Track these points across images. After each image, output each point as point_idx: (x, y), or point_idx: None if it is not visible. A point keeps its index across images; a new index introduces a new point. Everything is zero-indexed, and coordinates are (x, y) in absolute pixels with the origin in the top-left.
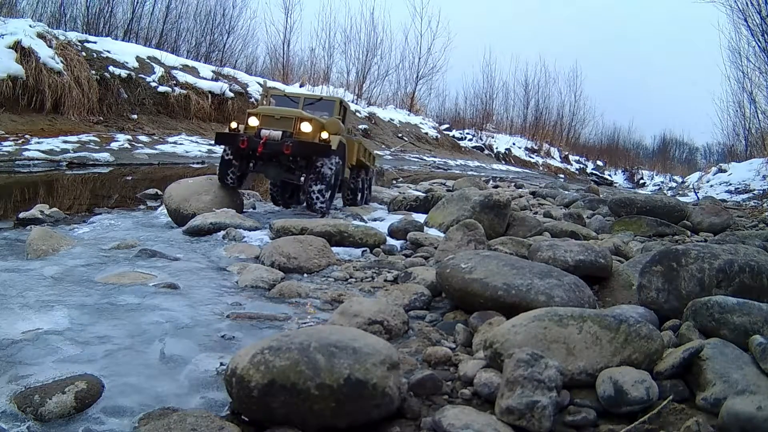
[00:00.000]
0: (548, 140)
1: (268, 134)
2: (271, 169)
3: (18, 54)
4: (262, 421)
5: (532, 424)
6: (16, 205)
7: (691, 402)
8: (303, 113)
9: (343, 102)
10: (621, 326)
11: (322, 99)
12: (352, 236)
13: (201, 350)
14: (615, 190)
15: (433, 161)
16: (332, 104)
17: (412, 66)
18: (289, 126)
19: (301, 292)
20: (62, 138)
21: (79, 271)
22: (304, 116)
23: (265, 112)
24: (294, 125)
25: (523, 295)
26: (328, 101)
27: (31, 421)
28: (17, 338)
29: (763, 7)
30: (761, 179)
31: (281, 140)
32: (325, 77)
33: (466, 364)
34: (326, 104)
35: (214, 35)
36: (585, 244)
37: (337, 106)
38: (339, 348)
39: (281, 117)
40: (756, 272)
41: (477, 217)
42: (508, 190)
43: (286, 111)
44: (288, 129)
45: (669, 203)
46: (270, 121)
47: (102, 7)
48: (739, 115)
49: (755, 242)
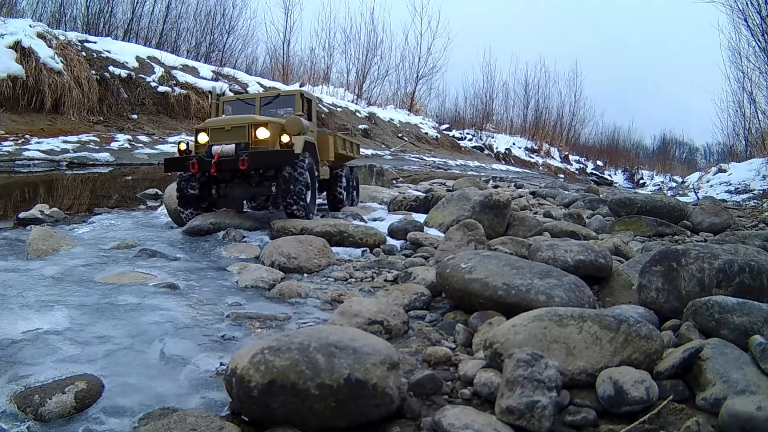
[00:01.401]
0: (548, 140)
1: (221, 150)
2: (237, 189)
3: (18, 54)
4: (262, 421)
5: (532, 424)
6: (16, 205)
7: (691, 402)
8: (256, 118)
9: (304, 94)
10: (621, 326)
11: (279, 95)
12: (352, 236)
13: (201, 350)
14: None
15: (433, 161)
16: (292, 99)
17: (412, 66)
18: (242, 136)
19: (301, 292)
20: (62, 138)
21: (79, 271)
22: (258, 121)
23: (214, 125)
24: (249, 134)
25: (523, 295)
26: (287, 97)
27: (31, 421)
28: (17, 338)
29: (763, 7)
30: (761, 179)
31: (235, 154)
32: (325, 77)
33: (466, 364)
34: (286, 100)
35: (214, 35)
36: (585, 244)
37: (298, 100)
38: (339, 348)
39: (232, 127)
40: (756, 272)
41: (477, 217)
42: (508, 190)
43: (237, 119)
44: (242, 140)
45: (669, 203)
46: (221, 135)
47: (102, 7)
48: (739, 115)
49: (755, 242)
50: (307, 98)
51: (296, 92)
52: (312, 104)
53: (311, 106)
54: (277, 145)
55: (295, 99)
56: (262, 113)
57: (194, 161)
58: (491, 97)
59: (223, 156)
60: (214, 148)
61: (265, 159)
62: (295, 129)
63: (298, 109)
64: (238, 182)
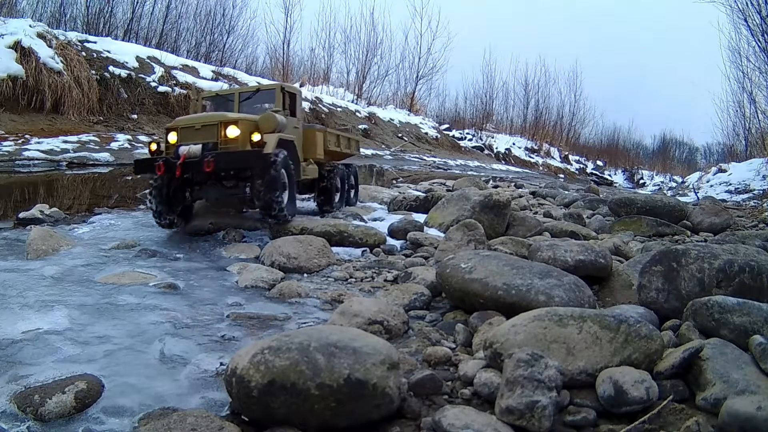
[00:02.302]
0: (548, 140)
1: (187, 150)
2: (212, 190)
3: (18, 54)
4: (262, 421)
5: (532, 424)
6: (16, 205)
7: (691, 402)
8: (227, 115)
9: (285, 88)
10: (621, 326)
11: (259, 90)
12: (352, 236)
13: (201, 350)
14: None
15: (433, 161)
16: (272, 94)
17: (412, 66)
18: (212, 135)
19: (301, 292)
20: (62, 138)
21: (79, 271)
22: (229, 118)
23: (184, 123)
24: (218, 132)
25: (523, 295)
26: (266, 91)
27: (31, 421)
28: (17, 338)
29: (763, 7)
30: (761, 179)
31: (201, 155)
32: (325, 77)
33: (466, 364)
34: (266, 95)
35: (214, 35)
36: (585, 244)
37: (278, 94)
38: (339, 348)
39: (202, 125)
40: (756, 272)
41: (477, 217)
42: (508, 190)
43: (206, 117)
44: (211, 139)
45: (669, 203)
46: (191, 134)
47: (102, 7)
48: (739, 115)
49: (755, 242)
50: (290, 92)
51: (276, 86)
52: (296, 98)
53: (295, 100)
54: (248, 145)
55: (275, 93)
56: (242, 109)
57: (160, 163)
58: (491, 97)
59: (189, 157)
60: (181, 149)
61: (232, 160)
62: (269, 126)
63: (279, 104)
64: (211, 184)
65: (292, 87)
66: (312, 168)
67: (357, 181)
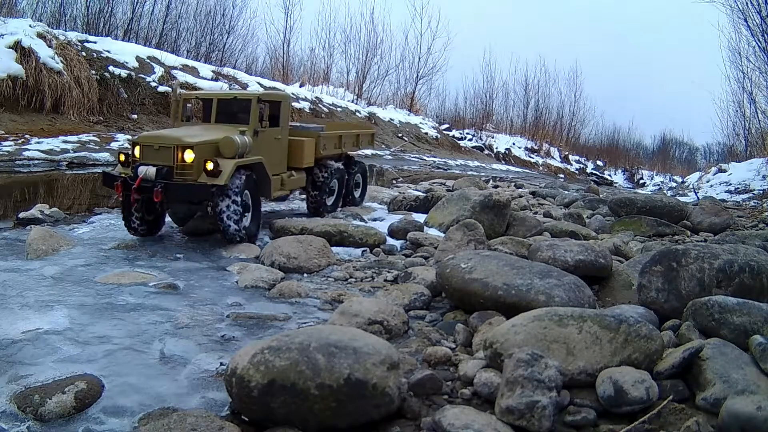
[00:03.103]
0: (548, 140)
1: (145, 173)
2: (178, 207)
3: (18, 54)
4: (262, 421)
5: (532, 424)
6: (16, 205)
7: (691, 402)
8: (183, 139)
9: (263, 98)
10: (621, 326)
11: (236, 98)
12: (352, 236)
13: (201, 350)
14: (615, 190)
15: (433, 161)
16: (248, 105)
17: (412, 66)
18: (168, 158)
19: (301, 292)
20: (62, 138)
21: (79, 271)
22: (186, 143)
23: (144, 141)
24: (174, 156)
25: (523, 295)
26: (242, 101)
27: (31, 421)
28: (17, 338)
29: (763, 7)
30: (761, 179)
31: (153, 182)
32: (325, 77)
33: (466, 364)
34: (240, 105)
35: (214, 35)
36: (585, 244)
37: (254, 107)
38: (339, 348)
39: (160, 146)
40: (756, 272)
41: (477, 217)
42: (508, 190)
43: (163, 138)
44: (167, 162)
45: (669, 203)
46: (150, 153)
47: (102, 7)
48: (739, 115)
49: (755, 242)
50: (272, 101)
51: (253, 96)
52: (282, 106)
53: (281, 108)
54: (202, 172)
55: (250, 104)
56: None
57: (119, 183)
58: (491, 97)
59: (145, 180)
60: (140, 169)
61: (180, 193)
62: (229, 150)
63: (255, 116)
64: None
65: (276, 94)
66: (296, 179)
67: (366, 180)
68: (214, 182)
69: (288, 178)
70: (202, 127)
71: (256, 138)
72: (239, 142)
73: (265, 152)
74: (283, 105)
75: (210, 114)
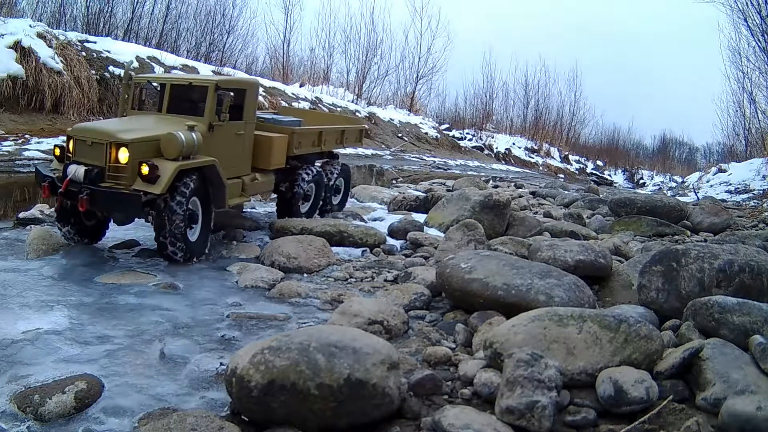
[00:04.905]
0: (548, 140)
1: (74, 173)
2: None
3: (18, 54)
4: (262, 421)
5: (532, 424)
6: (16, 205)
7: (691, 402)
8: (117, 134)
9: (222, 85)
10: (621, 326)
11: (191, 85)
12: (352, 236)
13: (201, 350)
14: (615, 190)
15: (433, 161)
16: (203, 92)
17: (412, 66)
18: (100, 157)
19: (301, 292)
20: (62, 138)
21: (79, 271)
22: (119, 139)
23: (78, 134)
24: (106, 155)
25: (523, 295)
26: (198, 87)
27: (31, 421)
28: (17, 338)
29: (763, 7)
30: (761, 179)
31: (80, 185)
32: (325, 77)
33: (466, 364)
34: (196, 93)
35: (214, 35)
36: (585, 244)
37: (210, 96)
38: (339, 348)
39: (93, 142)
40: (756, 272)
41: (477, 217)
42: (508, 190)
43: (96, 132)
44: (98, 162)
45: (669, 203)
46: (83, 149)
47: (102, 7)
48: (739, 115)
49: (755, 242)
50: (235, 89)
51: (210, 84)
52: (247, 96)
53: (243, 97)
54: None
55: (207, 92)
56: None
57: (45, 186)
58: (491, 97)
59: (73, 182)
60: (70, 168)
61: (107, 203)
62: (172, 150)
63: (211, 108)
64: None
65: (240, 80)
66: (262, 182)
67: (349, 184)
68: (150, 190)
69: (251, 182)
70: (150, 119)
71: (212, 134)
72: (184, 140)
73: (223, 151)
74: (248, 94)
75: (162, 102)
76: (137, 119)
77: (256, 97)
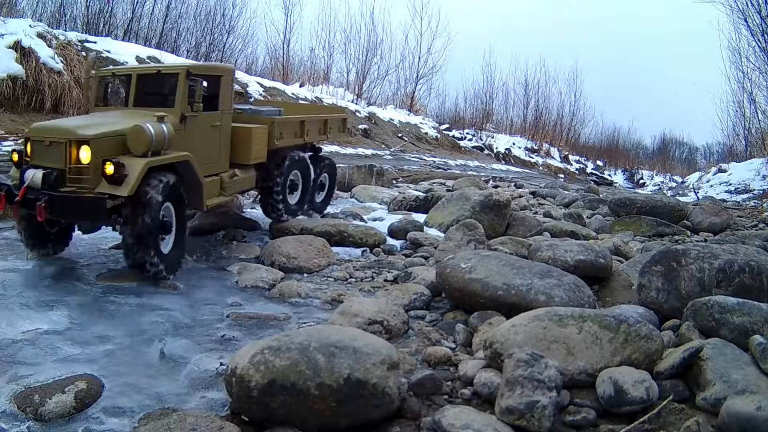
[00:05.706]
0: (548, 140)
1: (32, 178)
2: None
3: (18, 54)
4: (262, 421)
5: (532, 424)
6: None
7: (691, 402)
8: (77, 131)
9: (194, 71)
10: (621, 326)
11: (160, 73)
12: (352, 236)
13: (201, 350)
14: (615, 190)
15: (433, 161)
16: (174, 81)
17: (412, 66)
18: (59, 157)
19: (301, 292)
20: None
21: (79, 271)
22: (79, 136)
23: (36, 134)
24: (66, 155)
25: (523, 295)
26: (168, 76)
27: (31, 421)
28: (17, 338)
29: (763, 7)
30: (761, 179)
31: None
32: (325, 77)
33: (466, 364)
34: (165, 83)
35: (214, 35)
36: (585, 244)
37: (181, 84)
38: (339, 348)
39: (51, 142)
40: (756, 272)
41: (477, 217)
42: (508, 190)
43: (54, 130)
44: (58, 164)
45: (669, 203)
46: (41, 151)
47: (102, 7)
48: (739, 115)
49: (755, 242)
50: (208, 76)
51: (180, 71)
52: (222, 83)
53: (220, 85)
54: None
55: (177, 79)
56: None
57: (2, 194)
58: (491, 97)
59: (31, 187)
60: (27, 174)
61: (68, 210)
62: (139, 144)
63: (182, 97)
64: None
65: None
66: (242, 179)
67: (334, 181)
68: (116, 192)
69: (230, 179)
70: (115, 113)
71: (184, 126)
72: (153, 133)
73: (198, 145)
74: (223, 81)
75: (128, 96)
76: (101, 115)
77: (233, 84)
